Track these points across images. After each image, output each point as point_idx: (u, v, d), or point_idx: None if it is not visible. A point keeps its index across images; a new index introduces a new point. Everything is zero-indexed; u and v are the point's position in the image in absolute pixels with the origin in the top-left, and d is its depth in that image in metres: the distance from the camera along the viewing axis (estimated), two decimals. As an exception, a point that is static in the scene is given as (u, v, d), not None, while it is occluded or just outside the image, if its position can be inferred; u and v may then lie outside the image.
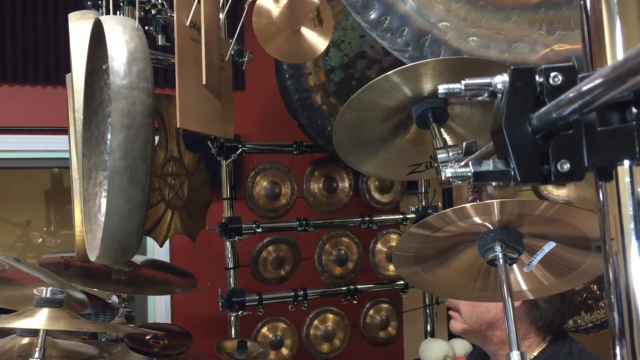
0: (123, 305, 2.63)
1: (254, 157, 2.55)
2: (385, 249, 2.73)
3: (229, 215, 2.41)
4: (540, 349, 1.40)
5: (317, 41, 1.69)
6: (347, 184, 2.62)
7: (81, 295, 1.84)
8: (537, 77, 0.52)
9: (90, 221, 1.52)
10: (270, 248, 2.51)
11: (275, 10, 1.64)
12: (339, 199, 2.62)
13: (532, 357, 1.39)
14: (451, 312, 1.50)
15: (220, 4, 1.66)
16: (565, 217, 0.96)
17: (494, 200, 0.95)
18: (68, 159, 1.80)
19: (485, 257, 0.99)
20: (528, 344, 1.40)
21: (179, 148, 2.14)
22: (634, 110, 0.45)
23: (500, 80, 0.54)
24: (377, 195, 2.71)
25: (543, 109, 0.50)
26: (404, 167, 1.42)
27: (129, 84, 1.29)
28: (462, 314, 1.45)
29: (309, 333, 2.59)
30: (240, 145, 2.39)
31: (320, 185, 2.59)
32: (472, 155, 0.80)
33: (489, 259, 0.99)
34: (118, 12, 1.72)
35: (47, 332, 1.49)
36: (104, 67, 1.52)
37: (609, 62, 0.51)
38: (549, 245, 1.02)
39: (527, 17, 1.24)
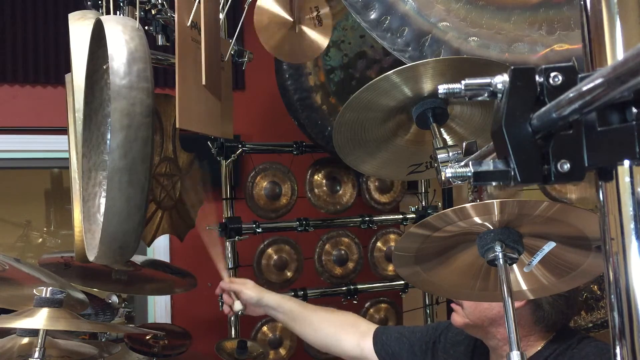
0: (123, 305, 2.63)
1: (254, 157, 2.55)
2: (385, 249, 2.73)
3: (229, 215, 2.41)
4: (543, 344, 1.40)
5: (317, 40, 1.70)
6: (350, 184, 2.62)
7: (81, 295, 1.84)
8: (537, 77, 0.52)
9: (89, 221, 1.52)
10: (272, 250, 2.51)
11: (276, 9, 1.64)
12: (344, 199, 2.61)
13: (537, 350, 1.39)
14: (453, 305, 1.49)
15: (220, 4, 1.66)
16: (565, 217, 0.96)
17: (494, 200, 0.95)
18: (68, 159, 1.80)
19: (485, 257, 0.99)
20: (534, 339, 1.40)
21: (174, 148, 2.13)
22: (634, 110, 0.45)
23: (500, 80, 0.54)
24: (377, 195, 2.71)
25: (543, 109, 0.50)
26: (404, 167, 1.42)
27: (129, 84, 1.29)
28: (464, 309, 1.45)
29: (309, 333, 2.59)
30: (240, 145, 2.39)
31: (324, 186, 2.59)
32: (472, 155, 0.80)
33: (489, 259, 0.98)
34: (118, 12, 1.72)
35: (47, 332, 1.49)
36: (104, 67, 1.52)
37: (609, 62, 0.51)
38: (549, 245, 1.02)
39: (527, 17, 1.24)
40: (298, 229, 2.50)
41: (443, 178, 1.04)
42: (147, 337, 2.16)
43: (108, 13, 1.63)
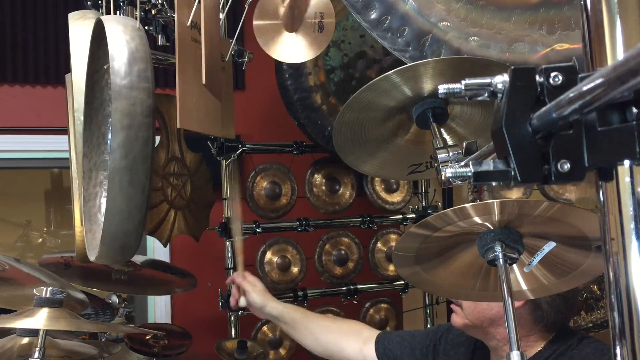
0: (123, 305, 2.63)
1: (254, 157, 2.55)
2: (386, 249, 2.72)
3: (229, 215, 2.41)
4: (544, 344, 1.40)
5: (312, 45, 1.65)
6: (349, 185, 2.62)
7: (81, 295, 1.84)
8: (537, 77, 0.52)
9: (90, 221, 1.52)
10: (273, 250, 2.51)
11: (277, 9, 1.63)
12: (343, 200, 2.62)
13: (537, 351, 1.40)
14: (453, 306, 1.49)
15: (220, 4, 1.66)
16: (565, 217, 0.96)
17: (494, 200, 0.95)
18: (68, 159, 1.80)
19: (486, 257, 0.99)
20: (534, 339, 1.40)
21: (181, 148, 2.14)
22: (634, 110, 0.45)
23: (501, 80, 0.54)
24: (384, 195, 2.71)
25: (543, 109, 0.50)
26: (404, 167, 1.42)
27: (130, 84, 1.29)
28: (463, 309, 1.45)
29: (309, 333, 2.58)
30: (240, 145, 2.39)
31: (323, 186, 2.59)
32: (472, 155, 0.80)
33: (489, 259, 0.99)
34: (118, 12, 1.72)
35: (47, 332, 1.49)
36: (104, 67, 1.52)
37: (610, 62, 0.51)
38: (549, 245, 1.02)
39: (528, 17, 1.24)
40: (298, 229, 2.50)
41: (443, 178, 1.04)
42: (147, 337, 2.16)
43: (108, 13, 1.63)
